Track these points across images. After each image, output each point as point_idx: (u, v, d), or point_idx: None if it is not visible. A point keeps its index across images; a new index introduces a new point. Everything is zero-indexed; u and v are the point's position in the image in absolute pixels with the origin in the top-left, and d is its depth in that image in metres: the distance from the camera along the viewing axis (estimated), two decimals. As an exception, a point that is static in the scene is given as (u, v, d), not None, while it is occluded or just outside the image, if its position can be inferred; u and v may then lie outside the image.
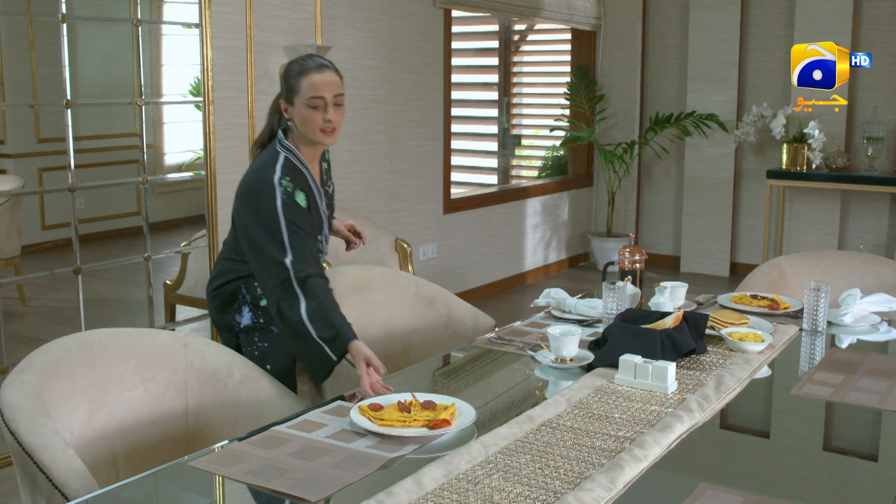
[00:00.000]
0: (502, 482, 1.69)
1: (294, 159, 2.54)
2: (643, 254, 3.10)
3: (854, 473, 1.95)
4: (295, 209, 2.46)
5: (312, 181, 2.58)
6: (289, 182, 2.48)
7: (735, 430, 2.17)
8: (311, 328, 2.34)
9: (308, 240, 2.47)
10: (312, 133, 2.51)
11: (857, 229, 7.11)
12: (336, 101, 2.49)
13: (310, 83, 2.46)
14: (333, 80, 2.50)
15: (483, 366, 2.61)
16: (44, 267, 4.25)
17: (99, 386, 2.25)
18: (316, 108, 2.47)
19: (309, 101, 2.46)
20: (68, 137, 3.85)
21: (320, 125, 2.49)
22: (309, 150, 2.58)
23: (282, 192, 2.45)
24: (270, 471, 1.74)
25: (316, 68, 2.48)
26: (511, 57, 8.42)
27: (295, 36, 4.87)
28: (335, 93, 2.49)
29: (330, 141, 2.54)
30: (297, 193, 2.49)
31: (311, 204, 2.55)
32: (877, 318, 2.96)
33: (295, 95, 2.49)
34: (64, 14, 3.74)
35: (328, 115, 2.48)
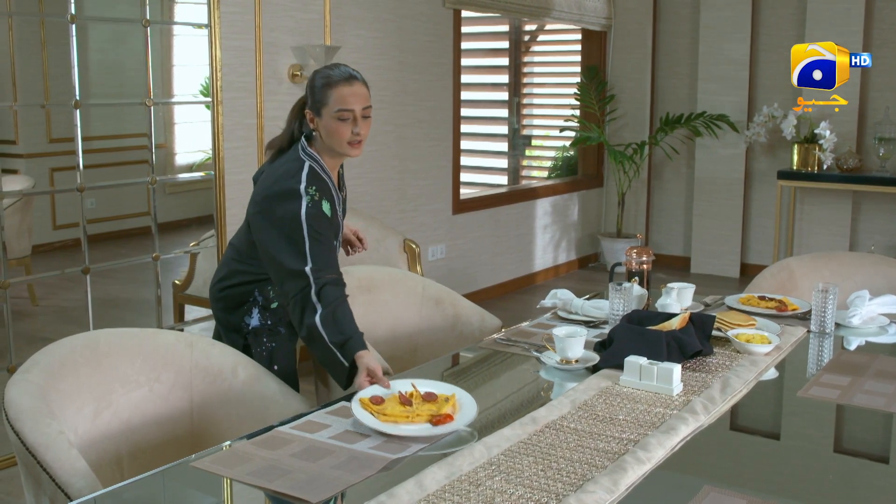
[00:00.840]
0: (504, 484, 1.68)
1: (318, 168, 2.50)
2: (650, 255, 3.09)
3: (862, 476, 1.94)
4: (320, 218, 2.43)
5: (334, 189, 2.55)
6: (315, 191, 2.45)
7: (740, 432, 2.16)
8: (324, 334, 2.32)
9: (330, 248, 2.45)
10: (339, 146, 2.48)
11: (869, 230, 7.07)
12: (364, 113, 2.46)
13: (339, 96, 2.43)
14: (362, 91, 2.46)
15: (488, 367, 2.60)
16: (55, 266, 4.27)
17: (104, 385, 2.25)
18: (345, 120, 2.43)
19: (338, 113, 2.43)
20: (77, 138, 3.87)
21: (348, 138, 2.45)
22: (332, 160, 2.55)
23: (308, 202, 2.42)
24: (272, 471, 1.74)
25: (345, 80, 2.44)
26: (521, 57, 8.41)
27: (304, 36, 4.88)
28: (364, 105, 2.45)
29: (356, 153, 2.51)
30: (324, 203, 2.46)
31: (333, 212, 2.53)
32: (885, 320, 2.94)
33: (323, 107, 2.45)
34: (73, 15, 3.75)
35: (357, 127, 2.45)
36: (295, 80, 4.85)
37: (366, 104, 2.46)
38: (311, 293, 2.34)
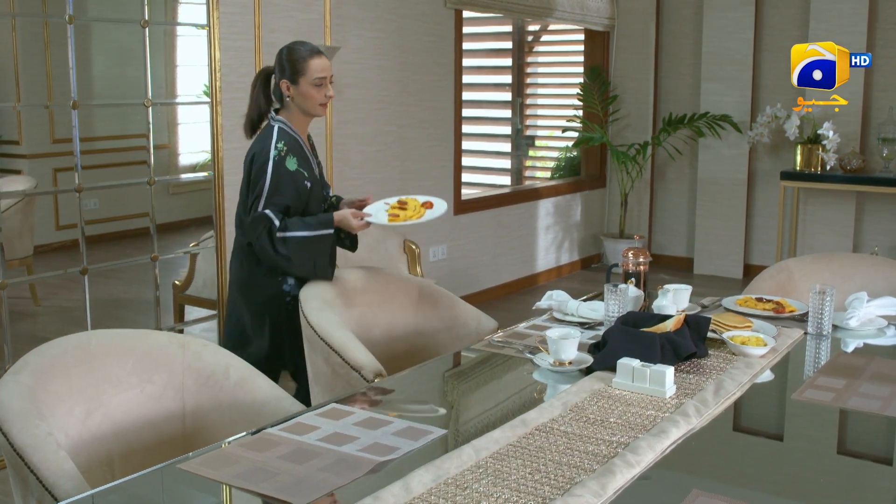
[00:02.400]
0: (491, 487, 1.67)
1: (287, 128, 3.04)
2: (647, 256, 3.07)
3: (852, 477, 1.92)
4: (282, 170, 2.95)
5: (305, 147, 3.08)
6: (283, 146, 2.98)
7: (733, 435, 2.14)
8: (300, 234, 2.93)
9: (285, 197, 2.95)
10: (313, 107, 3.04)
11: (873, 231, 7.04)
12: (331, 80, 3.05)
13: (315, 66, 2.99)
14: (327, 62, 3.05)
15: (482, 369, 2.59)
16: (57, 267, 4.27)
17: (95, 387, 2.25)
18: (320, 86, 3.00)
19: (315, 80, 2.99)
20: (75, 138, 3.87)
21: (321, 100, 3.03)
22: (302, 120, 3.08)
23: (275, 155, 2.96)
24: (259, 474, 1.74)
25: (318, 53, 3.02)
26: (525, 58, 8.39)
27: (304, 36, 4.85)
28: (331, 73, 3.05)
29: (325, 112, 3.09)
30: (289, 158, 2.98)
31: (302, 165, 3.02)
32: (884, 322, 2.92)
33: (301, 76, 2.99)
34: (71, 15, 3.75)
35: (329, 91, 3.03)
36: (295, 80, 4.85)
37: (332, 72, 3.07)
38: (275, 230, 2.91)
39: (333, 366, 2.66)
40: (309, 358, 2.82)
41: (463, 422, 2.22)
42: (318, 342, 2.70)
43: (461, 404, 2.40)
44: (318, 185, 3.11)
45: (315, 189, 3.08)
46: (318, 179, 3.12)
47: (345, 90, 5.19)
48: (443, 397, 2.47)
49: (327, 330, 2.69)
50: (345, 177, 5.24)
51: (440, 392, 2.51)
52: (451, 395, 2.49)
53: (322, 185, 3.18)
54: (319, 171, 3.17)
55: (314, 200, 3.09)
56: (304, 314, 2.77)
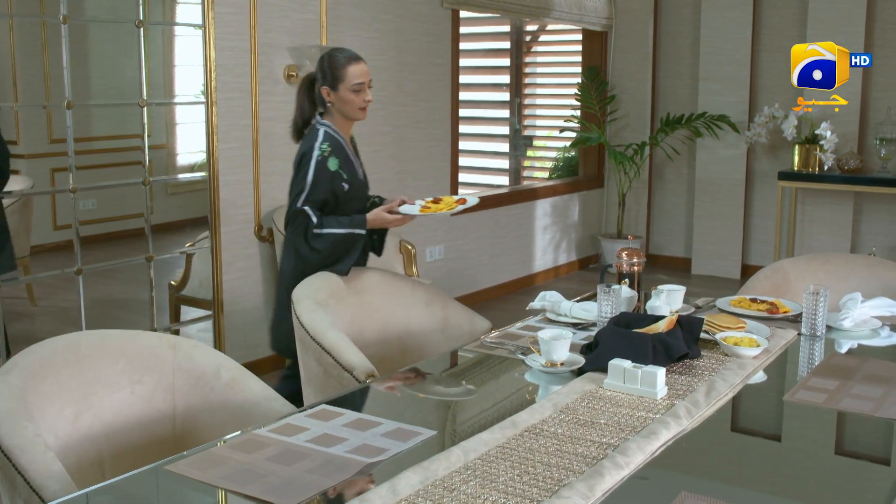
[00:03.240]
0: (479, 489, 1.66)
1: (331, 131, 3.19)
2: (641, 257, 3.07)
3: (848, 478, 1.91)
4: (324, 170, 3.11)
5: (348, 149, 3.24)
6: (327, 147, 3.14)
7: (724, 436, 2.13)
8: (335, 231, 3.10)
9: (326, 193, 3.12)
10: (353, 112, 3.20)
11: (871, 231, 7.03)
12: (370, 84, 3.21)
13: (354, 72, 3.15)
14: (366, 68, 3.20)
15: (473, 370, 2.59)
16: (53, 266, 4.27)
17: (85, 387, 2.24)
18: (358, 91, 3.16)
19: (354, 86, 3.15)
20: (69, 139, 3.86)
21: (360, 104, 3.18)
22: (344, 124, 3.24)
23: (318, 154, 3.12)
24: (246, 475, 1.73)
25: (354, 60, 3.18)
26: (523, 58, 8.39)
27: (300, 37, 4.87)
28: (369, 78, 3.21)
29: (364, 116, 3.24)
30: (331, 159, 3.14)
31: (344, 167, 3.18)
32: (878, 323, 2.91)
33: (340, 82, 3.15)
34: (65, 15, 3.75)
35: (367, 96, 3.20)
36: (291, 80, 4.84)
37: (370, 77, 3.22)
38: (312, 226, 3.08)
39: (325, 366, 2.65)
40: (301, 358, 2.82)
41: (453, 423, 2.22)
42: (310, 342, 2.70)
43: (452, 405, 2.39)
44: (358, 186, 3.28)
45: (355, 190, 3.24)
46: (360, 181, 3.29)
47: (341, 90, 5.19)
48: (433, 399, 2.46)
49: (319, 330, 2.68)
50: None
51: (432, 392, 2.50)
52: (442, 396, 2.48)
53: (365, 185, 3.36)
54: (363, 173, 3.35)
55: (356, 200, 3.27)
56: (297, 314, 2.77)
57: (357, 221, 3.15)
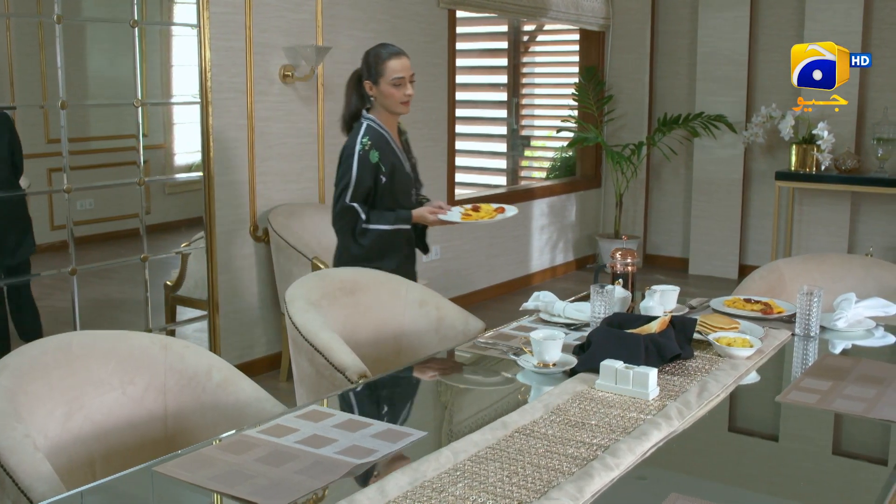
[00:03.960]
0: (467, 490, 1.66)
1: (375, 125, 3.26)
2: (635, 257, 3.06)
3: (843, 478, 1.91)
4: (366, 163, 3.19)
5: (393, 142, 3.30)
6: (367, 140, 3.22)
7: (715, 437, 2.12)
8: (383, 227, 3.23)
9: (367, 187, 3.20)
10: (395, 106, 3.25)
11: (868, 231, 7.03)
12: (411, 79, 3.25)
13: (394, 66, 3.20)
14: (407, 62, 3.25)
15: (466, 370, 2.58)
16: (51, 266, 4.26)
17: (76, 388, 2.23)
18: (398, 86, 3.21)
19: (394, 81, 3.20)
20: (64, 139, 3.86)
21: (401, 99, 3.24)
22: (388, 118, 3.30)
23: (360, 148, 3.20)
24: (234, 476, 1.72)
25: (396, 55, 3.23)
26: (520, 58, 8.38)
27: (295, 37, 4.86)
28: (410, 73, 3.25)
29: (407, 110, 3.29)
30: (372, 152, 3.21)
31: (384, 160, 3.24)
32: (872, 323, 2.90)
33: (381, 77, 3.21)
34: (59, 15, 3.74)
35: (408, 90, 3.24)
36: (286, 80, 4.84)
37: (412, 72, 3.26)
38: (360, 223, 3.21)
39: (318, 367, 2.65)
40: (294, 359, 2.81)
41: (444, 424, 2.21)
42: (302, 343, 2.69)
43: (443, 406, 2.39)
44: (402, 179, 3.32)
45: (397, 183, 3.30)
46: (404, 174, 3.34)
47: (337, 90, 5.17)
48: (426, 399, 2.46)
49: (312, 331, 2.68)
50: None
51: (425, 392, 2.50)
52: (434, 396, 2.48)
53: (413, 181, 3.43)
54: (412, 167, 3.42)
55: (398, 194, 3.32)
56: (289, 315, 2.76)
57: (402, 217, 3.26)
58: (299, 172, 5.00)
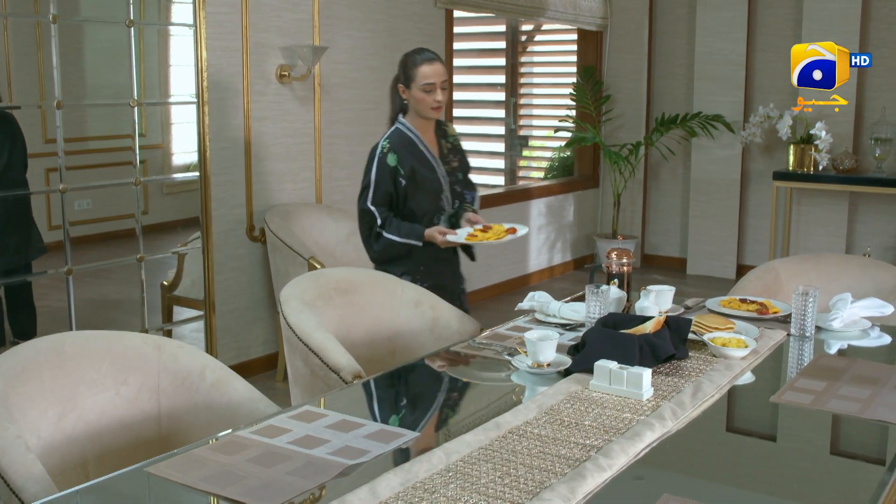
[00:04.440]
0: (459, 491, 1.65)
1: (404, 129, 3.31)
2: (631, 257, 3.05)
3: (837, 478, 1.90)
4: (383, 166, 3.24)
5: (423, 146, 3.31)
6: (387, 143, 3.27)
7: (709, 438, 2.11)
8: (396, 239, 3.23)
9: (387, 194, 3.25)
10: (425, 111, 3.26)
11: (866, 231, 7.03)
12: (443, 85, 3.25)
13: (424, 72, 3.22)
14: (440, 69, 3.25)
15: (460, 371, 2.58)
16: (49, 266, 4.26)
17: (69, 389, 2.23)
18: (429, 91, 3.21)
19: (424, 86, 3.22)
20: (59, 139, 3.86)
21: (431, 104, 3.24)
22: (421, 122, 3.32)
23: (379, 151, 3.26)
24: (226, 477, 1.72)
25: (428, 61, 3.24)
26: (518, 57, 8.38)
27: (292, 37, 4.86)
28: (442, 79, 3.25)
29: (437, 115, 3.30)
30: (390, 155, 3.25)
31: (404, 163, 3.25)
32: (867, 324, 2.90)
33: (412, 81, 3.24)
34: (55, 14, 3.74)
35: (437, 96, 3.23)
36: (283, 80, 4.84)
37: (443, 78, 3.26)
38: (376, 226, 3.23)
39: (312, 367, 2.64)
40: (288, 359, 2.81)
41: (437, 425, 2.21)
42: (297, 343, 2.69)
43: (437, 407, 2.38)
44: (427, 186, 3.30)
45: (420, 189, 3.29)
46: (431, 181, 3.31)
47: (333, 90, 5.18)
48: (419, 400, 2.46)
49: (306, 331, 2.67)
50: (333, 177, 5.23)
51: (419, 393, 2.50)
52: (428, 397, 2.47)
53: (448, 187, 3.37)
54: (451, 172, 3.39)
55: (425, 200, 3.31)
56: (284, 315, 2.76)
57: (415, 233, 3.24)
58: (296, 172, 5.00)
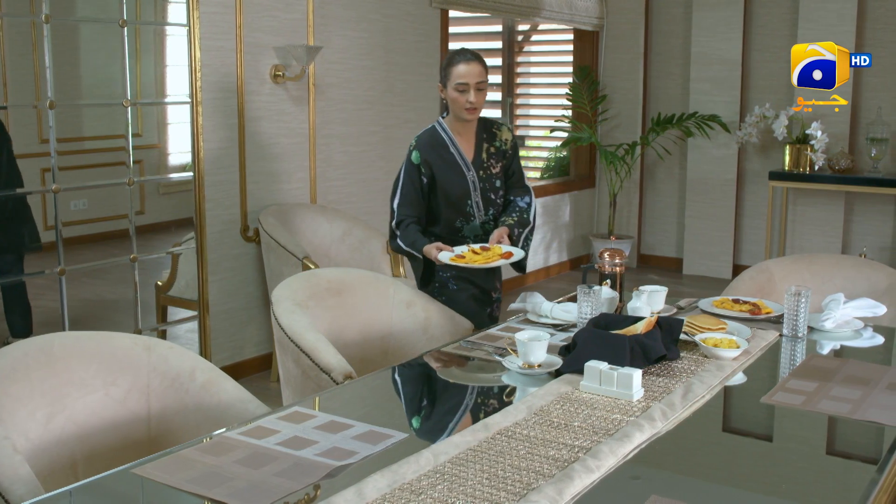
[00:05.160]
0: (446, 493, 1.65)
1: (438, 128, 3.25)
2: (623, 257, 3.05)
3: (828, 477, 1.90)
4: (408, 163, 3.23)
5: (454, 149, 3.24)
6: (415, 141, 3.24)
7: (698, 439, 2.11)
8: (402, 244, 3.21)
9: (409, 190, 3.22)
10: (459, 111, 3.17)
11: (862, 231, 7.02)
12: (478, 86, 3.14)
13: (458, 71, 3.13)
14: (477, 69, 3.14)
15: (451, 372, 2.57)
16: (44, 266, 4.25)
17: (58, 390, 2.22)
18: (462, 91, 3.12)
19: (457, 85, 3.13)
20: (52, 138, 3.85)
21: (464, 105, 3.13)
22: (459, 124, 3.24)
23: (409, 149, 3.24)
24: (213, 478, 1.71)
25: (464, 60, 3.14)
26: (515, 57, 8.36)
27: (286, 36, 4.85)
28: (477, 80, 3.13)
29: (472, 117, 3.19)
30: (413, 152, 3.23)
31: (427, 162, 3.20)
32: (860, 324, 2.90)
33: (448, 80, 3.16)
34: (47, 14, 3.73)
35: (470, 97, 3.12)
36: (277, 80, 4.83)
37: (479, 79, 3.14)
38: (392, 224, 3.24)
39: (304, 368, 2.64)
40: (280, 360, 2.80)
41: (426, 425, 2.20)
42: (288, 344, 2.68)
43: (427, 408, 2.38)
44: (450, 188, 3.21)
45: (442, 190, 3.21)
46: (457, 185, 3.22)
47: (328, 90, 5.17)
48: (410, 400, 2.45)
49: (297, 332, 2.67)
50: (327, 177, 5.22)
51: (409, 394, 2.49)
52: (418, 398, 2.47)
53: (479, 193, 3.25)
54: (486, 177, 3.26)
55: (449, 203, 3.23)
56: (275, 315, 2.75)
57: (418, 246, 3.16)
58: (290, 173, 4.99)
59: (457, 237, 3.28)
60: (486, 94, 3.18)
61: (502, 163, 3.33)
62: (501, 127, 3.36)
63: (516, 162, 3.41)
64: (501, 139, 3.33)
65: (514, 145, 3.38)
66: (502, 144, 3.33)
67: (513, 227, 3.25)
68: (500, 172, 3.33)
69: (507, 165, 3.35)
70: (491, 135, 3.32)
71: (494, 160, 3.30)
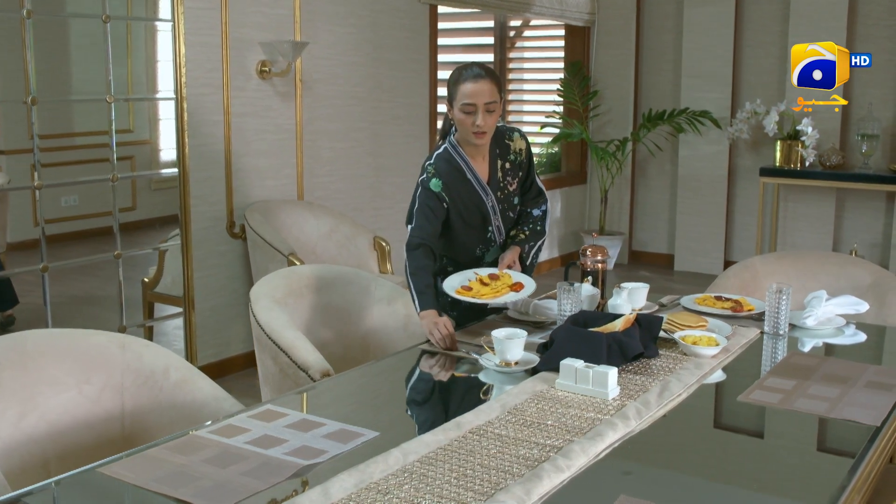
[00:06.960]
0: (413, 493, 1.63)
1: (452, 151, 2.92)
2: (605, 254, 3.03)
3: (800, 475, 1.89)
4: (427, 190, 2.87)
5: (472, 174, 2.91)
6: (431, 167, 2.89)
7: (673, 438, 2.09)
8: (411, 283, 2.79)
9: (426, 216, 2.86)
10: (466, 134, 2.84)
11: (853, 228, 7.01)
12: (487, 108, 2.79)
13: (464, 91, 2.78)
14: (486, 88, 2.78)
15: (429, 369, 2.56)
16: (32, 263, 4.23)
17: (30, 388, 2.20)
18: (469, 113, 2.79)
19: (463, 107, 2.79)
20: (34, 135, 3.83)
21: (471, 129, 2.80)
22: (469, 147, 2.91)
23: (425, 175, 2.89)
24: (179, 478, 1.70)
25: (472, 78, 2.79)
26: (507, 53, 8.34)
27: (273, 32, 4.83)
28: (486, 100, 2.78)
29: (480, 142, 2.85)
30: (433, 179, 2.87)
31: (448, 190, 2.88)
32: (842, 321, 2.88)
33: (454, 100, 2.82)
34: (29, 10, 3.71)
35: (478, 120, 2.78)
36: (263, 76, 4.80)
37: (489, 99, 2.78)
38: (405, 248, 2.86)
39: (281, 365, 2.62)
40: (258, 357, 2.79)
41: (399, 424, 2.19)
42: (266, 341, 2.67)
43: (402, 406, 2.36)
44: (469, 216, 2.93)
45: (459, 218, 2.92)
46: (476, 211, 2.93)
47: (315, 86, 5.15)
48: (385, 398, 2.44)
49: (275, 329, 2.65)
50: (314, 174, 5.20)
51: (386, 392, 2.48)
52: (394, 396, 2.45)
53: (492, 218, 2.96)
54: (504, 198, 2.98)
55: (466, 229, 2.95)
56: (253, 313, 2.74)
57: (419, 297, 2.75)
58: (277, 169, 4.97)
59: (479, 265, 3.02)
60: (497, 115, 2.84)
61: (518, 177, 3.02)
62: (514, 135, 3.01)
63: (532, 170, 3.08)
64: (515, 150, 3.00)
65: (528, 153, 3.05)
66: (517, 157, 3.00)
67: (524, 242, 3.02)
68: (517, 189, 3.03)
69: (523, 179, 3.05)
70: (504, 147, 2.99)
71: (510, 177, 3.00)
